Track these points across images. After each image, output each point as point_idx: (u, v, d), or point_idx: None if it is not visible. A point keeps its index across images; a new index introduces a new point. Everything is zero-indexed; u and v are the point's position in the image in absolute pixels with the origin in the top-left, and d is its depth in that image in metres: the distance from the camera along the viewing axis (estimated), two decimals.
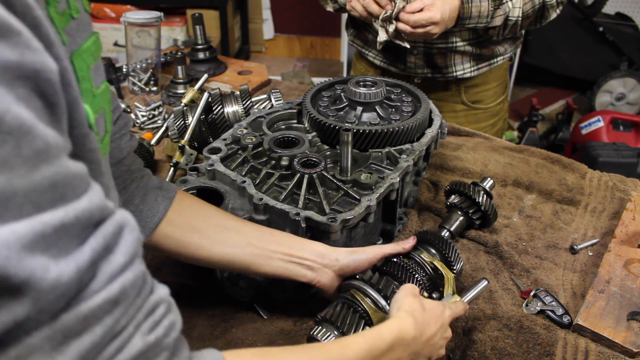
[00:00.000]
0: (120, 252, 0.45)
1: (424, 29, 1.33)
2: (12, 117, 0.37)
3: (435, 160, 1.45)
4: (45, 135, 0.39)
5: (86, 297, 0.42)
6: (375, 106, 1.20)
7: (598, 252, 1.16)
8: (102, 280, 0.43)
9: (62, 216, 0.40)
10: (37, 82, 0.40)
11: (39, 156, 0.39)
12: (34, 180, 0.38)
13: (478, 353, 0.92)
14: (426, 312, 0.77)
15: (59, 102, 0.43)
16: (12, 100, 0.37)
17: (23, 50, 0.38)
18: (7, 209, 0.37)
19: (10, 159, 0.37)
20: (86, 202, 0.42)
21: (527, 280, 1.08)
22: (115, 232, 0.45)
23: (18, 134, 0.37)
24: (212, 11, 3.76)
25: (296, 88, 2.00)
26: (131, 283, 0.46)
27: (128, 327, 0.45)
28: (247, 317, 0.99)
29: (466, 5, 1.37)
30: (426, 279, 0.94)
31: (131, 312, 0.46)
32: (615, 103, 3.96)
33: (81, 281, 0.41)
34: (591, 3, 3.93)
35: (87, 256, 0.42)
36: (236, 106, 1.41)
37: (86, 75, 0.56)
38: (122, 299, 0.44)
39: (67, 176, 0.41)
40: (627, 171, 2.44)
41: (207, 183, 1.05)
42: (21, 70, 0.38)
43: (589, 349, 0.93)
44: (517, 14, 1.43)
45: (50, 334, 0.40)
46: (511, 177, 1.39)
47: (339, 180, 1.02)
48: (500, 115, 1.82)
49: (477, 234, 1.19)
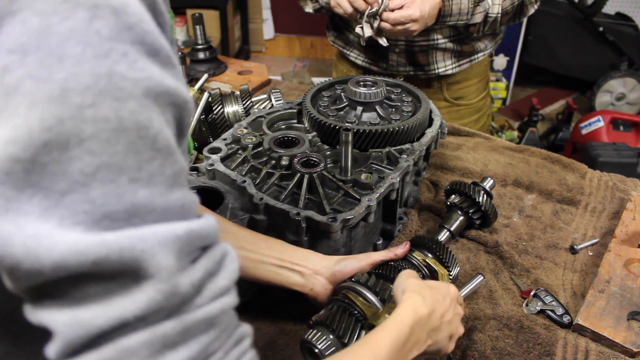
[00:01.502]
0: (223, 276, 0.47)
1: (403, 26, 1.34)
2: (164, 137, 0.41)
3: (435, 160, 1.45)
4: (181, 160, 0.43)
5: (190, 310, 0.43)
6: (376, 106, 1.20)
7: (598, 252, 1.16)
8: (206, 297, 0.44)
9: (190, 226, 0.43)
10: (181, 110, 0.44)
11: (176, 178, 0.42)
12: (169, 199, 0.42)
13: (478, 353, 0.92)
14: (432, 288, 0.77)
15: (186, 131, 0.47)
16: (164, 122, 0.41)
17: (178, 81, 0.43)
18: (144, 222, 0.40)
19: (155, 176, 0.40)
20: (205, 222, 0.45)
21: (527, 280, 1.08)
22: (220, 257, 0.47)
23: (166, 154, 0.41)
24: (212, 11, 3.76)
25: (296, 88, 2.00)
26: (229, 307, 0.47)
27: (218, 352, 0.46)
28: (247, 317, 0.99)
29: (447, 3, 1.38)
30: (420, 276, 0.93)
31: (224, 337, 0.46)
32: (616, 103, 3.96)
33: (191, 294, 0.43)
34: (591, 3, 3.93)
35: (200, 273, 0.44)
36: (236, 106, 1.41)
37: None
38: (218, 322, 0.45)
39: (190, 201, 0.45)
40: (627, 171, 2.44)
41: (207, 183, 1.05)
42: (175, 98, 0.42)
43: (589, 348, 0.93)
44: (497, 11, 1.45)
45: (151, 338, 0.40)
46: (511, 177, 1.39)
47: (339, 180, 1.02)
48: (484, 110, 1.83)
49: (477, 234, 1.19)
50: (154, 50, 0.41)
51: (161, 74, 0.41)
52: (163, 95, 0.41)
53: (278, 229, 0.97)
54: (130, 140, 0.39)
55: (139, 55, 0.40)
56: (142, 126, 0.39)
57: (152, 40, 0.41)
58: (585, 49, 4.12)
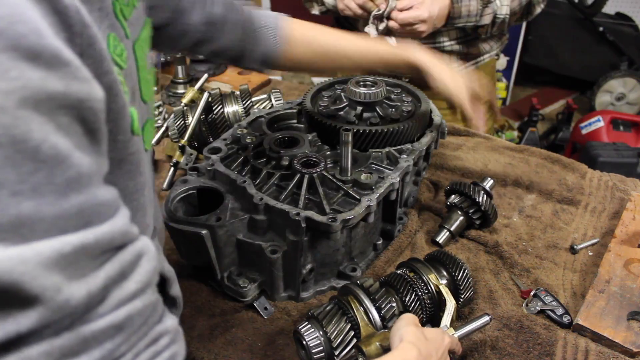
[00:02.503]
0: (134, 279, 0.46)
1: (411, 27, 1.34)
2: (48, 147, 0.39)
3: (435, 160, 1.45)
4: (79, 165, 0.41)
5: (90, 320, 0.43)
6: (376, 106, 1.20)
7: (598, 252, 1.16)
8: (110, 305, 0.44)
9: (83, 239, 0.42)
10: (80, 110, 0.42)
11: (70, 185, 0.41)
12: (62, 207, 0.40)
13: (478, 353, 0.92)
14: (429, 342, 0.77)
15: (100, 127, 0.45)
16: (51, 129, 0.39)
17: (69, 81, 0.40)
18: (33, 232, 0.39)
19: (41, 187, 0.39)
20: (109, 227, 0.44)
21: (527, 280, 1.08)
22: (133, 259, 0.46)
23: (52, 163, 0.39)
24: None
25: (296, 88, 2.00)
26: (139, 311, 0.47)
27: (127, 355, 0.46)
28: (247, 317, 0.99)
29: (456, 5, 1.38)
30: (427, 297, 0.92)
31: (134, 339, 0.47)
32: (616, 103, 3.96)
33: (90, 303, 0.43)
34: (591, 3, 3.93)
35: (100, 281, 0.43)
36: (236, 106, 1.41)
37: (143, 63, 0.59)
38: (126, 326, 0.45)
39: (95, 204, 0.43)
40: (627, 171, 2.43)
41: (207, 183, 1.05)
42: (65, 100, 0.40)
43: (589, 348, 0.93)
44: (505, 12, 1.45)
45: (49, 349, 0.41)
46: (511, 177, 1.39)
47: (339, 180, 1.02)
48: (489, 113, 1.80)
49: (477, 234, 1.19)
50: (33, 54, 0.38)
51: (43, 78, 0.38)
52: (47, 101, 0.39)
53: (278, 229, 0.98)
54: (6, 155, 0.37)
55: (12, 61, 0.37)
56: (18, 140, 0.37)
57: (30, 43, 0.38)
58: (585, 49, 4.12)
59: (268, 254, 0.95)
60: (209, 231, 0.94)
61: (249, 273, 1.02)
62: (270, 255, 0.95)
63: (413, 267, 0.95)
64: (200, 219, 0.95)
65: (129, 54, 0.55)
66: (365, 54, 1.11)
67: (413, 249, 1.17)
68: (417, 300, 0.90)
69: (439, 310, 0.91)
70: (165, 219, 0.97)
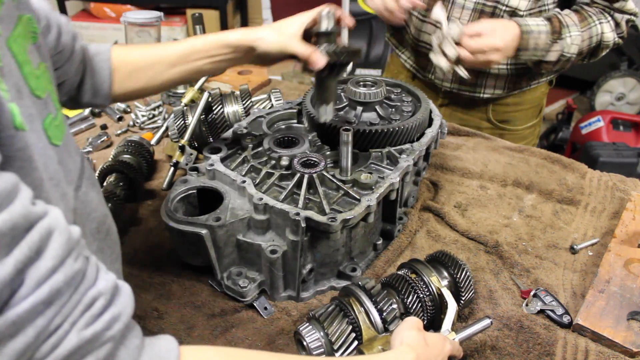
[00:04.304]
0: (48, 256, 0.47)
1: (484, 55, 1.24)
2: None
3: (435, 160, 1.45)
4: None
5: (14, 304, 0.44)
6: (375, 106, 1.20)
7: (598, 252, 1.16)
8: (29, 286, 0.45)
9: None
10: None
11: None
12: None
13: (478, 353, 0.92)
14: (429, 347, 0.77)
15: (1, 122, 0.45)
16: None
17: None
18: None
19: None
20: (7, 215, 0.44)
21: (527, 280, 1.08)
22: (42, 237, 0.47)
23: None
24: (212, 11, 3.76)
25: (296, 88, 2.00)
26: (63, 284, 0.47)
27: (63, 325, 0.47)
28: (247, 317, 0.99)
29: (525, 35, 1.29)
30: (429, 299, 0.91)
31: (66, 310, 0.48)
32: (615, 103, 3.96)
33: (10, 289, 0.44)
34: None
35: (9, 268, 0.44)
36: (236, 106, 1.41)
37: (25, 58, 0.58)
38: (54, 300, 0.47)
39: None
40: (627, 171, 2.44)
41: (207, 183, 1.05)
42: None
43: (589, 348, 0.93)
44: (574, 51, 1.35)
45: None
46: (511, 177, 1.39)
47: (339, 180, 1.02)
48: (529, 140, 1.70)
49: (477, 234, 1.19)
50: None
51: None
52: None
53: (278, 229, 0.98)
54: None
55: None
56: None
57: None
58: None
59: (268, 254, 0.95)
60: (208, 231, 0.94)
61: (249, 273, 1.02)
62: (270, 255, 0.95)
63: (414, 268, 0.95)
64: (200, 219, 0.95)
65: (4, 51, 0.55)
66: (191, 50, 1.01)
67: (413, 249, 1.17)
68: (418, 301, 0.90)
69: (440, 312, 0.91)
70: (165, 219, 0.97)
